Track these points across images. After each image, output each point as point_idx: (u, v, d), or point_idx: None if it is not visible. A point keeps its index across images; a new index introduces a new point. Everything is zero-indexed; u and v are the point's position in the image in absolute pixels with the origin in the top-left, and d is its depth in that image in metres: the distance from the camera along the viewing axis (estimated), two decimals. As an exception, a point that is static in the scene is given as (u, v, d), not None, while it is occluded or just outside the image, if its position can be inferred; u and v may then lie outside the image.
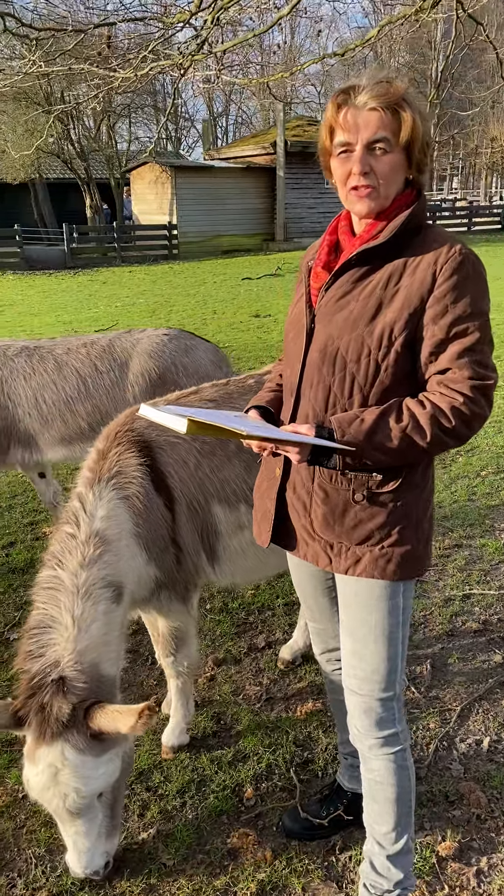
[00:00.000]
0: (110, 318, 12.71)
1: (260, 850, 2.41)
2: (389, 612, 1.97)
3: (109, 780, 2.07)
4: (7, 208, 29.53)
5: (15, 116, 21.13)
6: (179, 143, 43.72)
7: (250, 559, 2.74)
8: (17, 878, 2.34)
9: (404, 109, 1.76)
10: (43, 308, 14.05)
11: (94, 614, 2.18)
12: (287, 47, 36.76)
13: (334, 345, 1.85)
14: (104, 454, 2.48)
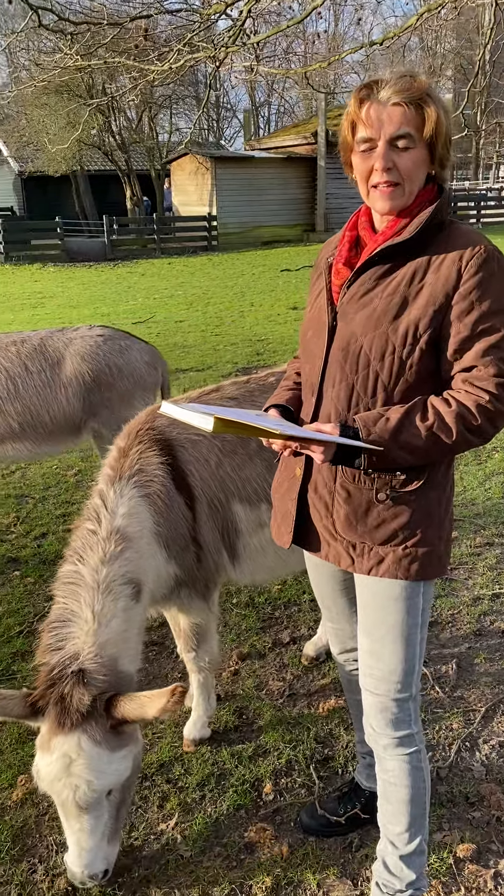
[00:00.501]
0: (148, 310, 12.79)
1: (277, 845, 2.42)
2: (408, 612, 1.96)
3: (121, 778, 2.08)
4: (49, 200, 29.84)
5: (57, 109, 21.30)
6: (221, 134, 43.69)
7: (270, 557, 2.74)
8: (38, 864, 2.40)
9: (428, 104, 1.73)
10: (82, 300, 14.20)
11: (113, 610, 2.20)
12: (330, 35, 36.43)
13: (357, 343, 1.83)
14: (125, 452, 2.50)
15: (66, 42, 6.06)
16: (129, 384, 4.16)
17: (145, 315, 12.24)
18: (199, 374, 8.28)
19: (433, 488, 1.90)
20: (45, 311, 13.02)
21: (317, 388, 1.94)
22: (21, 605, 3.89)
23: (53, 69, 6.49)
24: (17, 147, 27.67)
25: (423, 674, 3.23)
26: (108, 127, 25.69)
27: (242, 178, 23.81)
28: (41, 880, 2.34)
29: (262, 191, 24.00)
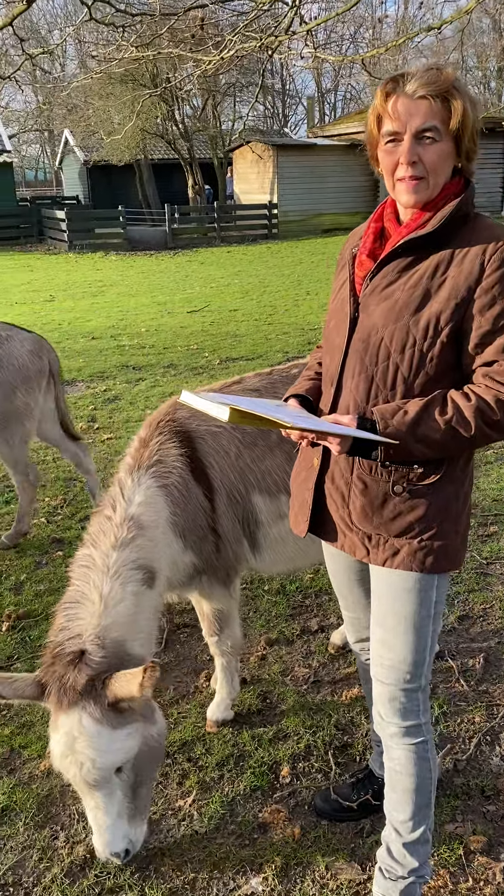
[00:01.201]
0: (204, 298, 12.89)
1: (289, 827, 2.47)
2: (421, 604, 1.96)
3: (125, 756, 2.10)
4: (113, 189, 30.26)
5: (121, 98, 21.56)
6: (286, 122, 43.47)
7: (290, 548, 2.78)
8: (60, 831, 2.50)
9: (454, 97, 1.73)
10: (140, 289, 14.40)
11: (121, 594, 2.25)
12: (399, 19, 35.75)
13: (378, 335, 1.84)
14: (146, 442, 2.57)
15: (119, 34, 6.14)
16: (9, 374, 4.15)
17: (201, 304, 12.34)
18: (248, 363, 8.33)
19: (451, 482, 1.90)
20: (104, 300, 13.26)
21: (336, 379, 1.95)
22: (62, 584, 4.01)
23: (110, 61, 6.59)
24: (83, 136, 28.12)
25: (449, 666, 3.23)
26: (172, 115, 25.85)
27: (304, 165, 23.68)
28: (61, 846, 2.44)
29: (324, 178, 23.82)
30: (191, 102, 28.31)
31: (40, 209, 24.45)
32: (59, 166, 36.49)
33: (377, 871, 2.14)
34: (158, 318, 11.30)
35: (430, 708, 2.92)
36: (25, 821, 2.54)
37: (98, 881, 2.31)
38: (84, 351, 9.34)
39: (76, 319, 11.49)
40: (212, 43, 7.39)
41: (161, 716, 2.30)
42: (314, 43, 7.13)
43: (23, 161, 53.85)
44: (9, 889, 2.31)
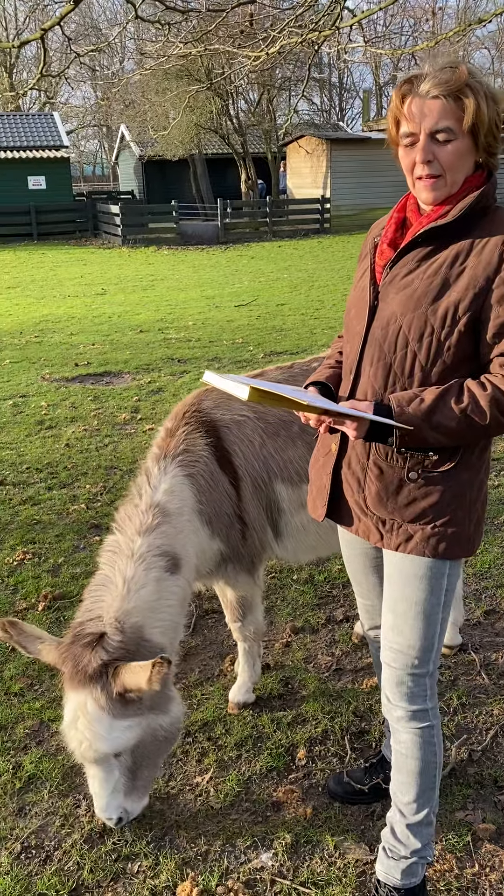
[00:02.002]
0: (252, 293, 12.97)
1: (302, 807, 2.54)
2: (432, 590, 2.00)
3: (123, 745, 2.15)
4: (168, 184, 30.56)
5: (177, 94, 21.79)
6: (342, 115, 43.20)
7: (312, 536, 2.83)
8: (82, 800, 2.62)
9: (467, 96, 1.74)
10: (190, 283, 14.55)
11: (144, 579, 2.31)
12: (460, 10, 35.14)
13: (397, 322, 1.87)
14: (172, 432, 2.65)
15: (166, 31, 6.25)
16: None
17: (248, 298, 12.42)
18: (292, 357, 8.37)
19: (466, 470, 1.93)
20: (154, 294, 13.46)
21: (355, 367, 1.98)
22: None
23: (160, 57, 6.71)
24: (139, 132, 28.48)
25: (471, 659, 3.25)
26: (226, 110, 25.97)
27: (358, 159, 23.55)
28: (83, 815, 2.56)
29: (378, 172, 23.65)
30: (246, 97, 28.39)
31: (95, 204, 24.87)
32: (116, 161, 37.02)
33: (381, 849, 2.19)
34: (206, 312, 11.42)
35: (450, 699, 2.96)
36: (50, 789, 2.66)
37: (115, 848, 2.42)
38: (131, 343, 9.52)
39: (126, 313, 11.69)
40: (261, 38, 7.45)
41: (178, 706, 2.35)
42: (364, 36, 7.11)
43: (81, 156, 54.76)
44: (31, 851, 2.44)
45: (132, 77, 11.48)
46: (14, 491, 5.17)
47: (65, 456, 5.78)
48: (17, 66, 37.27)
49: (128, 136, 31.40)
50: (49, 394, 7.43)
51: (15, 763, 2.78)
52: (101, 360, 8.73)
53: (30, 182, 25.16)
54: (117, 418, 6.65)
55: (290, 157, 25.76)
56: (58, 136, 26.46)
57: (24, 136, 26.07)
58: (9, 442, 6.13)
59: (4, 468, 5.57)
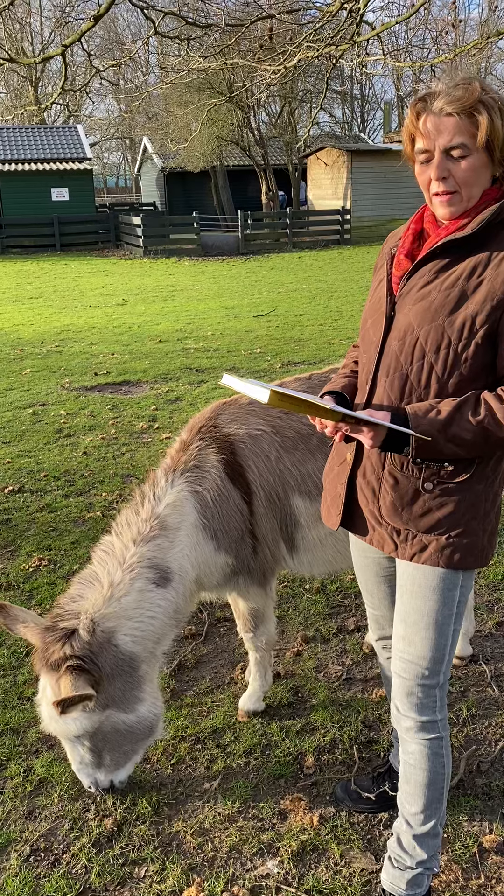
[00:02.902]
0: (271, 303, 13.02)
1: (308, 815, 2.54)
2: (445, 602, 2.00)
3: (73, 732, 2.31)
4: (189, 195, 30.80)
5: (199, 106, 22.00)
6: (364, 127, 43.31)
7: (329, 550, 2.84)
8: (91, 804, 2.64)
9: (480, 112, 1.76)
10: (210, 294, 14.64)
11: (129, 588, 2.40)
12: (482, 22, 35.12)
13: (414, 334, 1.88)
14: (186, 446, 2.68)
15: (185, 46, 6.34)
16: None
17: (267, 308, 12.48)
18: (310, 367, 8.40)
19: (480, 481, 1.94)
20: (174, 304, 13.56)
21: (371, 377, 1.99)
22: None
23: (179, 71, 6.80)
24: (161, 144, 28.77)
25: (482, 671, 3.24)
26: (247, 122, 26.17)
27: (378, 170, 23.61)
28: (92, 818, 2.58)
29: (398, 184, 23.71)
30: (267, 109, 28.59)
31: (118, 215, 25.11)
32: (138, 173, 37.37)
33: (386, 859, 2.19)
34: (225, 323, 11.49)
35: (459, 710, 2.95)
36: (60, 793, 2.69)
37: (122, 852, 2.44)
38: (150, 353, 9.60)
39: (146, 323, 11.79)
40: (280, 51, 7.52)
41: (148, 708, 2.46)
42: (383, 49, 7.15)
43: (104, 168, 55.35)
44: (40, 854, 2.46)
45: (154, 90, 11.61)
46: (32, 498, 5.23)
47: (82, 464, 5.84)
48: (42, 80, 37.81)
49: (150, 149, 31.71)
50: (68, 402, 7.52)
51: (26, 767, 2.82)
52: (120, 369, 8.81)
53: (53, 194, 25.48)
54: (135, 427, 6.71)
55: (311, 168, 25.88)
56: (81, 148, 26.79)
57: (47, 149, 26.43)
58: (28, 450, 6.21)
59: (23, 476, 5.64)
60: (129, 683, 2.40)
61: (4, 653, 3.47)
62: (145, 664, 2.45)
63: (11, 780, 2.76)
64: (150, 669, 2.48)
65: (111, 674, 2.34)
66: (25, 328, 11.68)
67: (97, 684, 2.30)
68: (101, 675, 2.32)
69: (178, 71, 7.22)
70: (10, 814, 2.62)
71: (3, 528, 4.79)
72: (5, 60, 5.12)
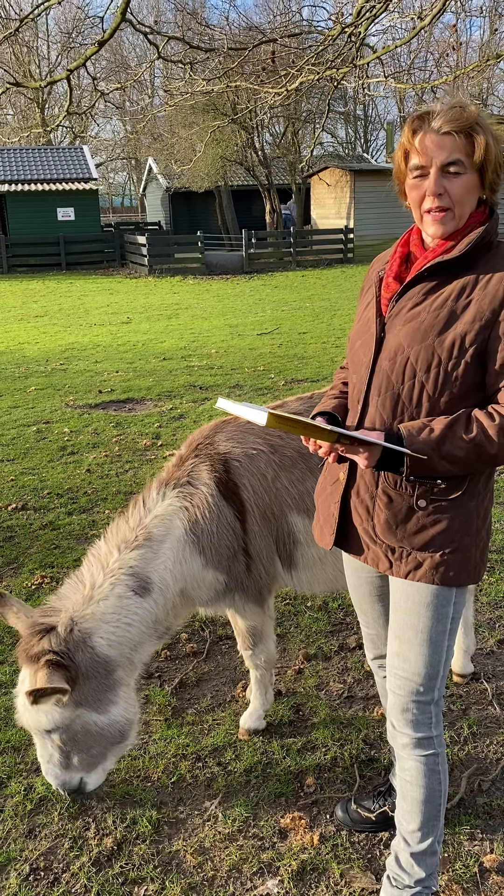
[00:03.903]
0: (274, 321, 13.09)
1: (308, 834, 2.54)
2: (439, 618, 2.02)
3: (44, 726, 2.39)
4: (194, 215, 31.05)
5: (203, 127, 22.24)
6: (367, 147, 43.69)
7: (329, 569, 2.85)
8: (91, 823, 2.64)
9: (478, 133, 1.82)
10: (214, 312, 14.73)
11: (108, 592, 2.50)
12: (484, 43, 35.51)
13: (404, 354, 1.91)
14: (182, 461, 2.73)
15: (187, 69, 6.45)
16: None
17: (271, 326, 12.54)
18: (313, 384, 8.44)
19: (472, 498, 1.96)
20: (178, 322, 13.64)
21: (363, 397, 2.02)
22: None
23: (182, 94, 6.91)
24: (166, 164, 29.06)
25: (484, 689, 3.23)
26: (251, 143, 26.43)
27: (381, 190, 23.75)
28: (92, 837, 2.58)
29: (401, 203, 23.83)
30: (271, 129, 28.90)
31: (123, 234, 25.33)
32: (144, 193, 37.70)
33: (385, 878, 2.18)
34: (229, 340, 11.56)
35: (461, 728, 2.95)
36: (60, 811, 2.69)
37: (122, 871, 2.44)
38: (154, 371, 9.65)
39: (150, 341, 11.87)
40: (282, 74, 7.63)
41: (121, 712, 2.51)
42: (384, 71, 7.25)
43: (110, 188, 55.87)
44: (40, 873, 2.46)
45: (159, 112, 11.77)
46: (35, 516, 5.26)
47: (85, 481, 5.86)
48: (48, 101, 38.28)
49: (155, 169, 32.02)
50: (72, 420, 7.56)
51: (27, 785, 2.81)
52: (124, 386, 8.86)
53: (59, 213, 25.72)
54: (138, 444, 6.74)
55: (314, 188, 26.09)
56: (87, 168, 27.07)
57: (54, 169, 26.71)
58: (31, 467, 6.24)
59: (26, 493, 5.66)
60: (104, 685, 2.48)
61: (6, 671, 3.48)
62: (121, 669, 2.53)
63: (12, 799, 2.76)
64: (127, 675, 2.56)
65: (86, 673, 2.43)
66: (31, 346, 11.76)
67: (72, 681, 2.39)
68: (77, 673, 2.41)
69: (182, 94, 7.32)
70: (9, 832, 2.62)
71: (6, 545, 4.81)
72: (11, 85, 5.22)
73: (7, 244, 23.81)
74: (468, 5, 19.24)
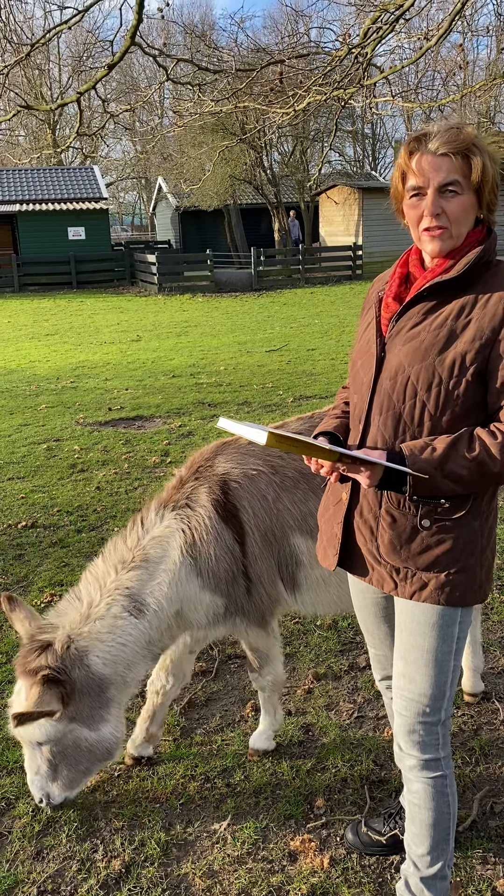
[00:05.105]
0: (283, 338, 13.13)
1: (319, 857, 2.51)
2: (445, 638, 2.00)
3: (35, 738, 2.45)
4: (203, 233, 31.27)
5: (213, 147, 22.46)
6: (375, 164, 43.95)
7: (333, 590, 2.82)
8: (100, 845, 2.62)
9: (474, 154, 1.84)
10: (223, 329, 14.79)
11: (104, 612, 2.53)
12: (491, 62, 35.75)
13: (405, 373, 1.92)
14: (182, 483, 2.73)
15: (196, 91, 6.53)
16: None
17: (280, 343, 12.58)
18: (322, 401, 8.44)
19: (476, 517, 1.95)
20: (187, 340, 13.70)
21: (364, 416, 2.03)
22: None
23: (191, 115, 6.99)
24: (175, 183, 29.34)
25: (495, 708, 3.20)
26: (260, 162, 26.66)
27: (389, 207, 23.78)
28: (100, 859, 2.56)
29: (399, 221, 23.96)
30: (279, 148, 29.15)
31: (133, 253, 25.52)
32: (153, 212, 38.03)
33: (396, 903, 2.15)
34: (237, 357, 11.59)
35: (472, 749, 2.92)
36: (68, 833, 2.67)
37: (130, 895, 2.41)
38: (163, 388, 9.69)
39: (159, 358, 11.92)
40: (290, 94, 7.71)
41: (111, 730, 2.56)
42: (392, 91, 7.31)
43: (120, 207, 56.39)
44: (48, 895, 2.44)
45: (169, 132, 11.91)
46: (45, 533, 5.26)
47: (95, 499, 5.88)
48: (60, 122, 38.75)
49: (165, 188, 32.31)
50: (82, 438, 7.59)
51: (34, 806, 2.80)
52: (133, 404, 8.90)
53: (70, 233, 25.96)
54: (147, 461, 6.75)
55: (323, 205, 26.26)
56: (97, 188, 27.34)
57: (65, 189, 27.01)
58: (41, 485, 6.26)
59: (36, 511, 5.68)
60: (97, 702, 2.52)
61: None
62: (114, 688, 2.56)
63: (20, 820, 2.74)
64: (119, 694, 2.60)
65: (81, 690, 2.48)
66: (41, 364, 11.83)
67: (67, 697, 2.43)
68: (73, 689, 2.45)
69: (191, 114, 7.40)
70: (17, 854, 2.60)
71: (16, 563, 4.82)
72: (22, 108, 5.29)
73: (18, 263, 24.03)
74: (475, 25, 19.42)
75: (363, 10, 6.51)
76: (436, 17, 12.29)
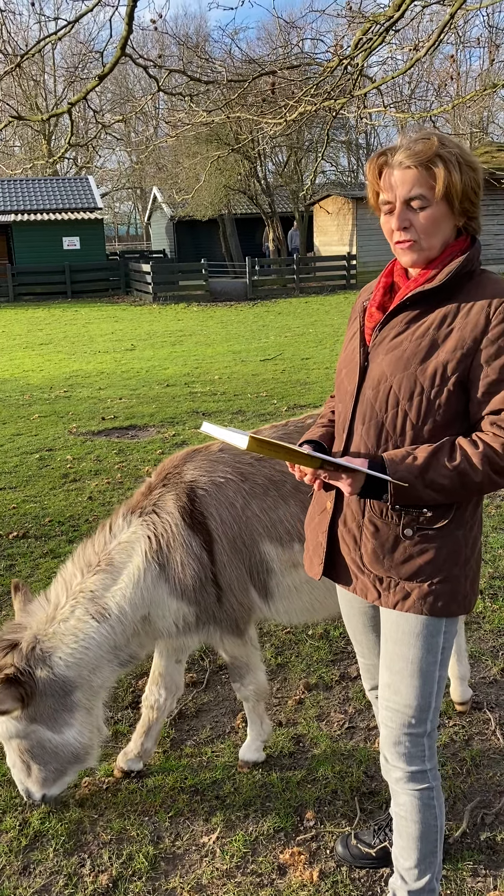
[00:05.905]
0: (278, 347, 13.14)
1: (308, 870, 2.48)
2: (429, 649, 1.99)
3: (3, 733, 2.53)
4: (198, 243, 31.36)
5: (207, 157, 22.53)
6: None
7: (305, 598, 2.80)
8: (87, 859, 2.59)
9: (437, 165, 1.82)
10: (217, 338, 14.80)
11: (69, 614, 2.57)
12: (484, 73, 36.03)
13: (387, 382, 1.92)
14: (150, 489, 2.74)
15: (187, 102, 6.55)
16: None
17: (275, 352, 12.59)
18: (316, 410, 8.43)
19: (460, 527, 1.95)
20: (182, 349, 13.71)
21: (347, 425, 2.02)
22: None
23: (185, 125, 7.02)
24: (170, 193, 29.45)
25: (487, 718, 3.18)
26: (254, 172, 26.76)
27: (383, 217, 24.02)
28: (87, 874, 2.53)
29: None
30: (273, 158, 29.27)
31: (128, 263, 25.57)
32: (148, 222, 38.15)
33: (384, 917, 2.13)
34: (232, 367, 11.60)
35: (463, 759, 2.90)
36: (55, 847, 2.64)
37: (117, 910, 2.39)
38: (157, 397, 9.68)
39: (154, 367, 11.92)
40: (282, 104, 7.74)
41: (75, 735, 2.59)
42: (383, 101, 7.35)
43: (115, 217, 56.54)
44: (33, 911, 2.41)
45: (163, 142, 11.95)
46: (36, 544, 5.24)
47: (87, 509, 5.86)
48: (55, 133, 38.89)
49: (160, 198, 32.42)
50: (75, 447, 7.57)
51: (22, 820, 2.77)
52: (127, 413, 8.89)
53: (65, 243, 26.01)
54: (140, 471, 6.73)
55: (317, 215, 26.34)
56: (92, 198, 27.42)
57: (59, 199, 27.08)
58: (33, 495, 6.24)
59: (27, 521, 5.65)
60: (60, 705, 2.55)
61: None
62: (80, 692, 2.58)
63: (6, 834, 2.71)
64: (86, 699, 2.61)
65: (43, 691, 2.51)
66: (35, 374, 11.82)
67: (28, 697, 2.47)
68: (34, 690, 2.49)
69: (184, 125, 7.43)
70: (3, 869, 2.57)
71: (7, 573, 4.79)
72: (14, 118, 5.30)
73: (13, 273, 24.06)
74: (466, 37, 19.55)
75: (354, 22, 6.55)
76: (427, 29, 12.39)
